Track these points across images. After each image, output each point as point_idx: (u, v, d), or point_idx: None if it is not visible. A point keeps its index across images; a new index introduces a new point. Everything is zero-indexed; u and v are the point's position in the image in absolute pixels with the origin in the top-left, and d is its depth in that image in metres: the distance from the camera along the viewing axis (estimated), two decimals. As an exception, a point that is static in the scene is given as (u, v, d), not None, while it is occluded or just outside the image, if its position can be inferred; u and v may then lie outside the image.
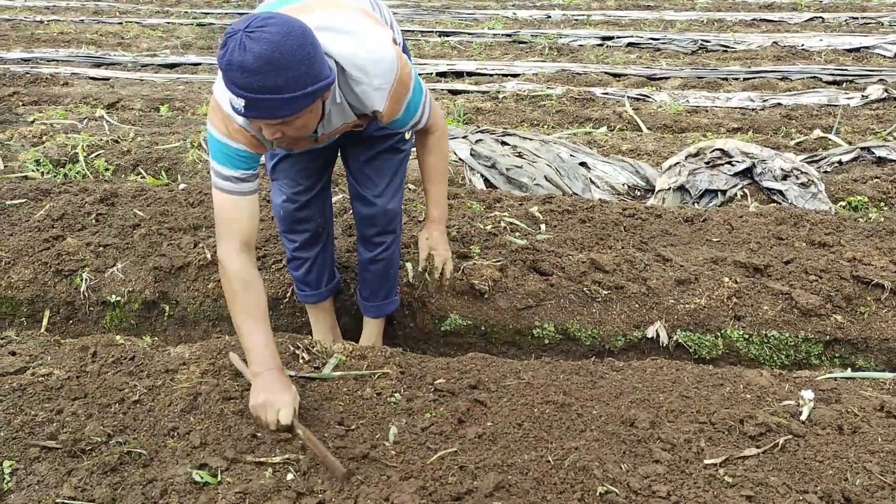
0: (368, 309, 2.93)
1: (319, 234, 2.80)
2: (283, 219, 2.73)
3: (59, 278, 3.13)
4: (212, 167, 2.14)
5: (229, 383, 2.33)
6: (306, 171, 2.65)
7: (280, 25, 1.82)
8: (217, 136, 2.10)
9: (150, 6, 12.17)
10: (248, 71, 1.78)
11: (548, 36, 9.25)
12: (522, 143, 4.60)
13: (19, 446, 2.01)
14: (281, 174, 2.66)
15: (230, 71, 1.80)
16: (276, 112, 1.87)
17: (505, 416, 2.20)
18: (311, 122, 2.02)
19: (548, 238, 3.34)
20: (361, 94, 2.15)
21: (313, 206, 2.72)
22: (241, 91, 1.82)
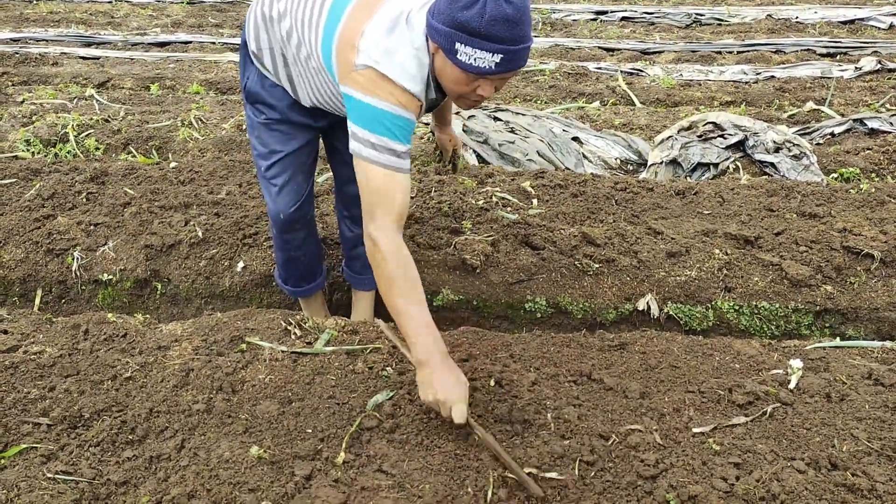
0: (362, 282, 2.92)
1: (311, 230, 2.76)
2: (280, 223, 2.62)
3: (51, 257, 3.13)
4: (369, 141, 1.99)
5: (221, 360, 2.34)
6: (303, 168, 2.60)
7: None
8: (387, 108, 1.98)
9: (139, -16, 12.04)
10: (511, 22, 1.81)
11: (541, 10, 9.18)
12: (515, 119, 4.59)
13: (13, 423, 2.02)
14: (276, 172, 2.55)
15: (495, 26, 1.80)
16: (522, 62, 1.92)
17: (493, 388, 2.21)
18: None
19: (540, 213, 3.34)
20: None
21: (308, 202, 2.67)
22: (504, 46, 1.83)
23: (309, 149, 2.60)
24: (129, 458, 1.94)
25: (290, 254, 2.75)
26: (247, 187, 3.67)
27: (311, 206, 2.72)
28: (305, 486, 1.86)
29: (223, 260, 3.17)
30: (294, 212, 2.60)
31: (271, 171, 2.54)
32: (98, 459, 1.93)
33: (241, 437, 2.03)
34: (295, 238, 2.69)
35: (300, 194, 2.60)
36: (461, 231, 3.18)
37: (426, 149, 4.39)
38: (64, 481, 1.83)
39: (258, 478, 1.86)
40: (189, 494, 1.80)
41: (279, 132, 2.52)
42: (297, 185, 2.58)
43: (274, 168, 2.54)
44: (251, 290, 3.13)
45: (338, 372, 2.31)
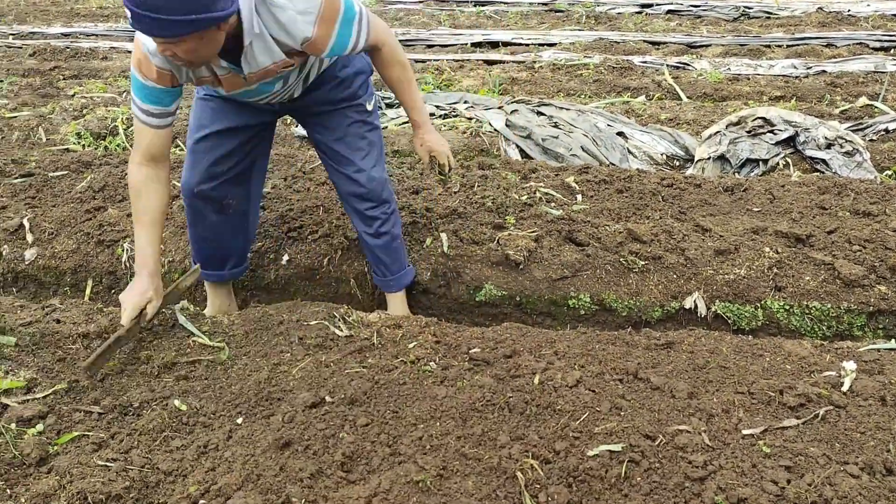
0: (388, 285, 2.95)
1: (227, 216, 2.77)
2: (188, 194, 2.69)
3: (101, 248, 3.19)
4: (131, 96, 2.31)
5: (263, 347, 2.36)
6: (228, 150, 2.63)
7: None
8: (134, 72, 2.24)
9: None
10: None
11: (585, 4, 9.10)
12: (559, 113, 4.55)
13: (65, 410, 2.07)
14: (199, 147, 2.63)
15: None
16: (156, 31, 1.91)
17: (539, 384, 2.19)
18: (201, 49, 2.01)
19: (584, 208, 3.30)
20: (288, 21, 2.13)
21: (224, 187, 2.69)
22: (129, 4, 1.87)
23: (238, 134, 2.62)
24: (177, 447, 1.97)
25: (198, 231, 2.81)
26: (291, 181, 3.70)
27: (232, 193, 2.71)
28: (347, 480, 1.87)
29: (268, 253, 3.20)
30: (206, 189, 2.66)
31: (197, 144, 2.64)
32: (147, 448, 1.96)
33: (284, 428, 2.04)
34: (201, 216, 2.75)
35: (217, 175, 2.65)
36: (504, 226, 3.16)
37: (469, 143, 4.38)
38: (115, 469, 1.86)
39: (300, 469, 1.87)
40: (236, 485, 1.82)
41: (210, 109, 2.59)
42: (217, 165, 2.63)
43: (200, 143, 2.63)
44: (295, 282, 3.16)
45: (380, 366, 2.30)
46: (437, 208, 3.31)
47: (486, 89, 5.49)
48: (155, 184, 2.35)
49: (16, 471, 1.86)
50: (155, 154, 2.33)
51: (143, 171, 2.34)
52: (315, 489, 1.82)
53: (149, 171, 2.34)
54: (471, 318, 3.02)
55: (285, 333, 2.49)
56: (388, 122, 4.72)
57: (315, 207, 3.41)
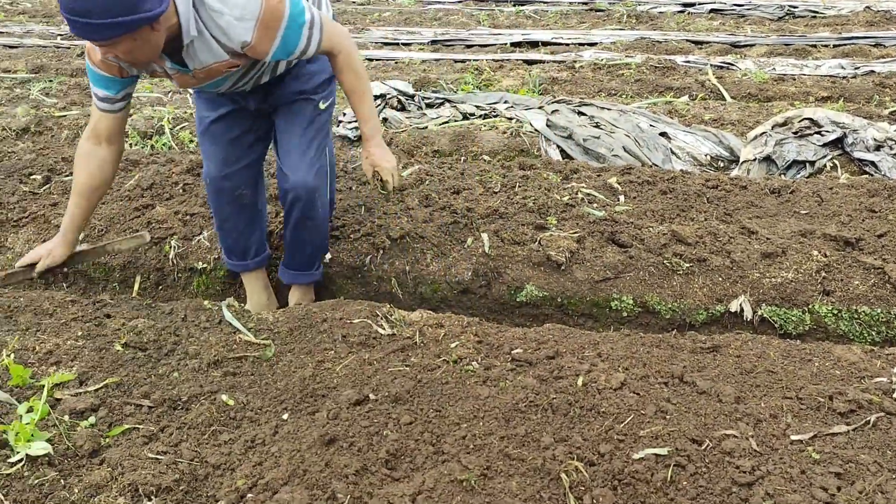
0: (286, 275, 3.01)
1: (243, 205, 2.86)
2: (210, 185, 2.81)
3: (149, 245, 3.25)
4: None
5: (307, 345, 2.39)
6: (234, 137, 2.74)
7: None
8: (87, 57, 2.34)
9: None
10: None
11: (626, 3, 9.02)
12: (600, 114, 4.52)
13: (116, 404, 2.11)
14: (208, 137, 2.75)
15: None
16: (89, 35, 1.99)
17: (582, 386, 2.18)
18: (137, 49, 2.08)
19: (627, 209, 3.28)
20: (225, 26, 2.19)
21: (238, 176, 2.79)
22: (63, 11, 1.95)
23: (236, 121, 2.72)
24: (225, 441, 2.00)
25: (220, 221, 2.92)
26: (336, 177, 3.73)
27: (244, 182, 2.81)
28: (392, 477, 1.88)
29: (311, 251, 3.22)
30: (220, 178, 2.77)
31: (204, 135, 2.77)
32: (196, 442, 1.99)
33: (328, 424, 2.06)
34: (221, 206, 2.85)
35: (227, 162, 2.75)
36: (546, 227, 3.15)
37: (509, 143, 4.37)
38: (165, 461, 1.90)
39: (345, 465, 1.88)
40: (283, 479, 1.84)
41: (205, 100, 2.71)
42: (224, 152, 2.74)
43: (205, 133, 2.76)
44: (338, 281, 3.19)
45: (421, 365, 2.31)
46: (477, 208, 3.31)
47: (526, 89, 5.47)
48: (92, 161, 2.49)
49: (69, 462, 1.91)
50: (101, 134, 2.47)
51: (84, 147, 2.50)
52: (360, 485, 1.84)
53: (92, 148, 2.49)
54: (511, 319, 3.02)
55: (329, 331, 2.51)
56: (427, 122, 4.74)
57: (357, 207, 3.43)
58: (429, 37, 7.58)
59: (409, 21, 8.64)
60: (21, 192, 3.62)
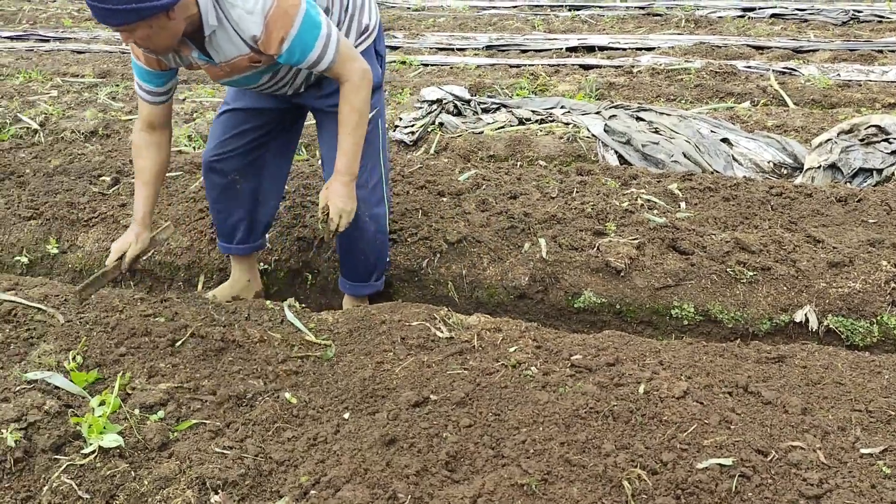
0: (344, 286, 3.03)
1: (236, 191, 2.94)
2: (203, 164, 2.93)
3: (213, 245, 3.33)
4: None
5: (367, 346, 2.42)
6: (242, 130, 2.84)
7: None
8: (133, 56, 2.49)
9: (286, -12, 12.60)
10: None
11: (684, 8, 8.91)
12: (659, 119, 4.47)
13: (184, 399, 2.17)
14: (217, 123, 2.89)
15: None
16: (107, 19, 2.08)
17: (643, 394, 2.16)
18: (154, 36, 2.17)
19: (688, 216, 3.24)
20: (238, 18, 2.26)
21: (233, 162, 2.88)
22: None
23: (254, 115, 2.81)
24: (288, 438, 2.03)
25: (210, 202, 3.03)
26: (391, 184, 3.76)
27: (236, 168, 2.88)
28: (452, 479, 1.89)
29: (369, 254, 3.26)
30: (214, 160, 2.88)
31: (217, 119, 2.89)
32: (261, 438, 2.03)
33: (389, 425, 2.08)
34: (211, 187, 2.96)
35: (228, 148, 2.85)
36: (605, 233, 3.13)
37: (566, 148, 4.36)
38: (231, 456, 1.94)
39: (406, 465, 1.90)
40: (345, 477, 1.87)
41: (234, 91, 2.82)
42: (229, 138, 2.84)
43: (220, 117, 2.88)
44: (394, 283, 3.21)
45: (478, 370, 2.32)
46: (535, 213, 3.30)
47: (583, 94, 5.44)
48: (150, 148, 2.59)
49: (139, 454, 1.96)
50: (153, 122, 2.58)
51: (141, 137, 2.60)
52: (421, 486, 1.85)
53: (147, 136, 2.59)
54: (568, 325, 3.00)
55: (388, 333, 2.54)
56: (483, 126, 4.75)
57: (414, 210, 3.46)
58: (483, 42, 7.59)
59: (464, 26, 8.67)
60: (91, 192, 3.74)
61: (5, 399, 2.08)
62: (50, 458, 1.93)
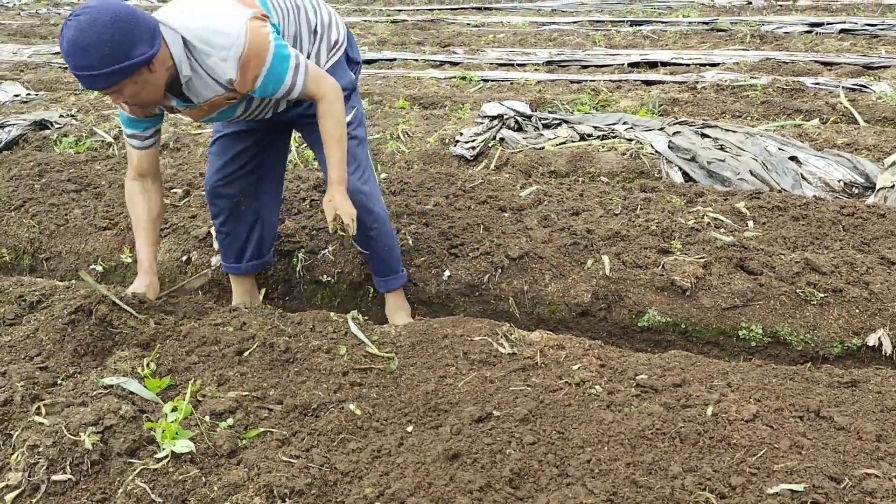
0: (378, 283, 3.17)
1: (241, 212, 3.04)
2: (207, 190, 3.02)
3: (278, 257, 3.39)
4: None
5: (429, 359, 2.43)
6: (238, 152, 2.94)
7: (91, 13, 2.12)
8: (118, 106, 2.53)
9: (347, 5, 12.85)
10: (66, 54, 2.15)
11: (749, 23, 8.77)
12: (724, 136, 4.40)
13: (252, 407, 2.21)
14: (215, 149, 2.98)
15: (62, 54, 2.17)
16: (94, 85, 2.18)
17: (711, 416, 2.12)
18: (142, 91, 2.29)
19: (756, 235, 3.17)
20: (213, 65, 2.37)
21: (237, 184, 2.98)
22: (71, 70, 2.17)
23: (245, 137, 2.92)
24: (353, 449, 2.06)
25: (217, 225, 3.11)
26: (453, 199, 3.79)
27: (240, 190, 2.99)
28: (515, 496, 1.88)
29: (430, 268, 3.28)
30: (218, 186, 2.98)
31: (213, 146, 2.99)
32: (326, 448, 2.06)
33: (452, 439, 2.08)
34: (217, 211, 3.06)
35: (225, 173, 2.95)
36: (670, 251, 3.09)
37: (628, 165, 4.32)
38: (297, 465, 1.97)
39: (469, 481, 1.90)
40: (408, 490, 1.88)
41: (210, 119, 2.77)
42: (228, 162, 2.94)
43: (215, 145, 2.98)
44: (455, 298, 3.22)
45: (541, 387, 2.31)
46: (598, 230, 3.28)
47: (646, 110, 5.39)
48: (143, 195, 2.70)
49: (209, 460, 2.01)
50: (143, 170, 2.68)
51: (133, 185, 2.71)
52: (484, 502, 1.85)
53: (138, 184, 2.70)
54: (632, 344, 2.97)
55: (450, 347, 2.55)
56: (545, 142, 4.74)
57: (476, 225, 3.47)
58: (544, 57, 7.59)
59: (524, 42, 8.69)
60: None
61: (83, 403, 2.16)
62: (125, 461, 1.99)
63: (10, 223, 3.84)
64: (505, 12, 11.31)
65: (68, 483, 1.94)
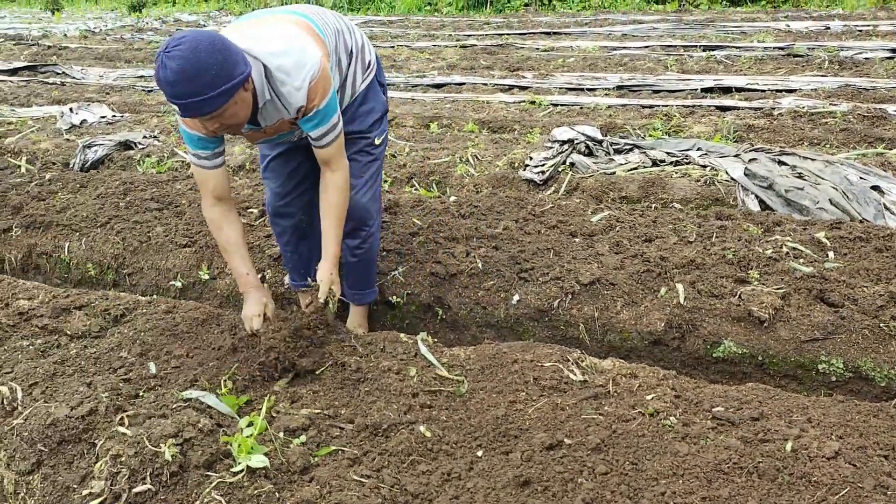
0: (352, 297, 3.27)
1: (303, 229, 3.16)
2: (270, 212, 3.14)
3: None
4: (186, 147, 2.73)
5: (499, 384, 2.42)
6: (291, 171, 3.04)
7: (189, 42, 2.19)
8: (183, 127, 2.63)
9: (417, 30, 13.04)
10: (170, 83, 2.19)
11: (827, 49, 8.55)
12: (803, 164, 4.29)
13: (324, 425, 2.24)
14: (269, 172, 3.07)
15: (161, 86, 2.22)
16: (203, 110, 2.25)
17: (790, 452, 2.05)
18: (240, 111, 2.37)
19: (837, 267, 3.07)
20: (287, 93, 2.48)
21: (296, 202, 3.09)
22: (173, 100, 2.23)
23: (292, 156, 3.01)
24: (423, 471, 2.06)
25: (282, 244, 3.25)
26: (523, 223, 3.78)
27: (300, 208, 3.11)
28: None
29: (499, 291, 3.28)
30: (279, 206, 3.11)
31: (265, 172, 3.10)
32: (396, 469, 2.07)
33: (522, 466, 2.07)
34: (281, 230, 3.19)
35: (285, 192, 3.07)
36: (747, 281, 3.02)
37: (702, 192, 4.25)
38: (368, 485, 1.98)
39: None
40: (479, 516, 1.87)
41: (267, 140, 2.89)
42: (283, 184, 3.06)
43: (267, 169, 3.08)
44: (524, 322, 3.21)
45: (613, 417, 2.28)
46: (672, 258, 3.23)
47: (720, 136, 5.30)
48: (226, 218, 2.75)
49: (283, 476, 2.04)
50: (220, 194, 2.72)
51: (214, 212, 2.74)
52: (556, 531, 1.83)
53: (218, 209, 2.74)
54: (706, 374, 2.90)
55: (520, 372, 2.54)
56: (616, 167, 4.70)
57: (546, 250, 3.46)
58: (614, 82, 7.54)
59: (594, 67, 8.65)
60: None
61: (164, 415, 2.23)
62: (202, 474, 2.04)
63: (97, 239, 4.00)
64: (574, 37, 11.30)
65: (148, 493, 2.01)
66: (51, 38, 13.39)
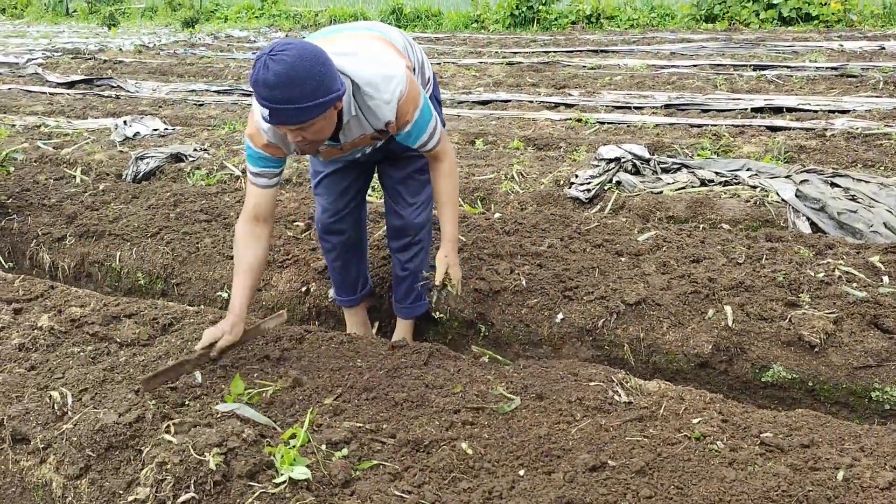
0: (399, 311, 3.31)
1: (353, 244, 3.20)
2: (321, 229, 3.16)
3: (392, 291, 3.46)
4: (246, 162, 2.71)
5: (544, 404, 2.40)
6: (343, 189, 3.08)
7: (296, 49, 2.19)
8: (248, 142, 2.63)
9: (464, 47, 13.10)
10: (269, 86, 2.17)
11: (882, 69, 8.36)
12: (856, 186, 4.19)
13: (366, 439, 2.25)
14: (322, 189, 3.09)
15: (257, 86, 2.20)
16: (293, 119, 2.24)
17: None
18: (325, 128, 2.37)
19: (892, 292, 2.99)
20: (374, 107, 2.49)
21: (347, 219, 3.12)
22: (266, 102, 2.21)
23: (346, 174, 3.06)
24: (464, 489, 2.05)
25: (330, 260, 3.26)
26: (568, 241, 3.76)
27: (350, 225, 3.15)
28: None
29: (543, 309, 3.26)
30: (331, 223, 3.12)
31: (317, 188, 3.12)
32: (437, 486, 2.06)
33: (565, 486, 2.04)
34: (330, 246, 3.20)
35: (336, 210, 3.09)
36: (798, 304, 2.95)
37: (752, 213, 4.18)
38: (409, 501, 1.98)
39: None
40: (520, 536, 1.85)
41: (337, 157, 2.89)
42: (335, 201, 3.08)
43: (319, 186, 3.10)
44: (568, 341, 3.18)
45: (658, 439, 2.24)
46: (720, 279, 3.18)
47: (770, 157, 5.21)
48: (253, 240, 2.67)
49: (325, 489, 2.05)
50: (259, 212, 2.67)
51: (245, 228, 2.69)
52: (598, 555, 1.80)
53: (250, 227, 2.68)
54: (753, 399, 2.84)
55: (563, 391, 2.51)
56: (663, 186, 4.65)
57: (591, 269, 3.43)
58: (662, 100, 7.47)
59: (641, 85, 8.59)
60: (286, 236, 4.02)
61: (209, 424, 2.26)
62: (245, 483, 2.06)
63: (147, 249, 4.09)
64: (622, 55, 11.23)
65: (192, 502, 2.03)
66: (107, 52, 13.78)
